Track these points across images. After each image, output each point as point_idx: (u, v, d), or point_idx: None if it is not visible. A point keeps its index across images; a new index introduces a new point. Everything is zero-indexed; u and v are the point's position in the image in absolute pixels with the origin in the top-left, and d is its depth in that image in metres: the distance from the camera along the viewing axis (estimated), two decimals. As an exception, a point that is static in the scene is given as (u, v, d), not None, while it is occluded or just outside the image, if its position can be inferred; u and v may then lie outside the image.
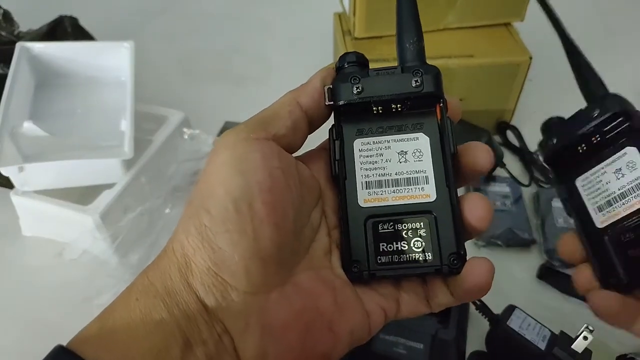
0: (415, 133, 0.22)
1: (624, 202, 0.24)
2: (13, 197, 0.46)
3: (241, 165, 0.19)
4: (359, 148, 0.23)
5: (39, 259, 0.47)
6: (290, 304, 0.19)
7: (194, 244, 0.18)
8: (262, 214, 0.18)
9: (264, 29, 0.77)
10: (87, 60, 0.52)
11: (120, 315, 0.18)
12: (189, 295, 0.18)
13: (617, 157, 0.25)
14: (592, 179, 0.25)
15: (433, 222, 0.21)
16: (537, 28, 0.59)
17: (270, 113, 0.22)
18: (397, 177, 0.22)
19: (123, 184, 0.45)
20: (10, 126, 0.44)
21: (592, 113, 0.25)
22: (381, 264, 0.21)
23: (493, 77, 0.52)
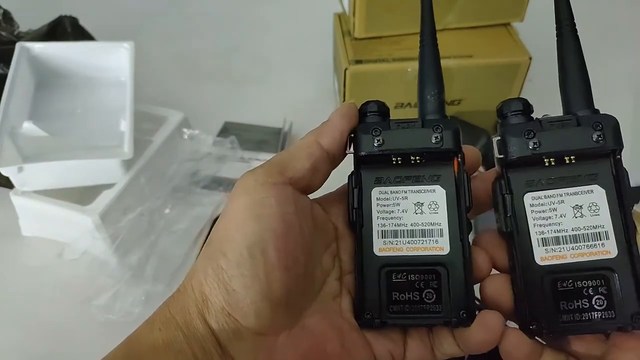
0: (432, 185, 0.23)
1: (574, 246, 0.21)
2: (13, 197, 0.46)
3: (257, 210, 0.20)
4: (377, 197, 0.23)
5: (39, 259, 0.47)
6: (298, 346, 0.20)
7: (211, 284, 0.20)
8: (274, 259, 0.20)
9: (263, 29, 0.77)
10: (86, 61, 0.52)
11: (144, 342, 0.20)
12: (204, 330, 0.19)
13: (581, 190, 0.21)
14: (546, 202, 0.22)
15: (445, 275, 0.22)
16: (537, 28, 0.59)
17: (289, 156, 0.22)
18: (412, 228, 0.22)
19: (123, 184, 0.45)
20: (10, 126, 0.44)
21: (591, 135, 0.21)
22: (393, 312, 0.22)
23: (492, 78, 0.52)
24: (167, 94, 0.62)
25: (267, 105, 0.63)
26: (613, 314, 0.20)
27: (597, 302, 0.21)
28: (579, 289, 0.21)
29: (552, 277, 0.21)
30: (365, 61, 0.51)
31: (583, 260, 0.21)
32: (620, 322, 0.20)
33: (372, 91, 0.52)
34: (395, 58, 0.51)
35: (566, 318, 0.21)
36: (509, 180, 0.22)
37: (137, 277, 0.43)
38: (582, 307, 0.21)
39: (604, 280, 0.21)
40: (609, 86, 0.65)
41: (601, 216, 0.21)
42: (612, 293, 0.21)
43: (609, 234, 0.21)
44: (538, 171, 0.22)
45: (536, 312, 0.21)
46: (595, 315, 0.21)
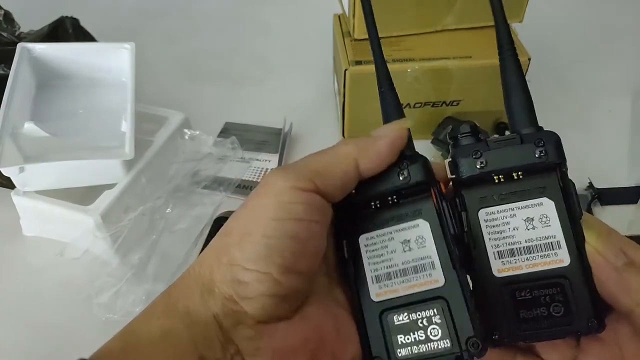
0: (414, 220, 0.23)
1: (528, 257, 0.22)
2: (14, 197, 0.47)
3: (283, 213, 0.20)
4: (364, 244, 0.23)
5: (40, 258, 0.48)
6: (298, 332, 0.21)
7: (223, 273, 0.20)
8: (290, 262, 0.20)
9: (264, 30, 0.77)
10: (88, 61, 0.52)
11: (142, 332, 0.20)
12: (208, 316, 0.20)
13: (531, 204, 0.22)
14: (499, 216, 0.22)
15: (446, 307, 0.21)
16: (536, 29, 0.60)
17: (323, 167, 0.21)
18: (404, 267, 0.22)
19: (124, 184, 0.46)
20: (11, 127, 0.45)
21: (534, 151, 0.22)
22: (401, 357, 0.22)
23: (491, 78, 0.52)
24: (168, 95, 0.62)
25: (268, 105, 0.63)
26: (570, 320, 0.21)
27: (554, 309, 0.21)
28: (536, 298, 0.21)
29: (510, 288, 0.22)
30: (365, 62, 0.51)
31: (538, 270, 0.22)
32: (577, 328, 0.21)
33: (372, 92, 0.52)
34: (395, 59, 0.51)
35: (526, 327, 0.21)
36: (463, 198, 0.23)
37: (138, 276, 0.43)
38: (541, 314, 0.21)
39: (560, 288, 0.21)
40: (609, 86, 0.65)
41: (552, 227, 0.22)
42: (568, 300, 0.21)
43: (561, 243, 0.22)
44: (490, 188, 0.23)
45: (497, 322, 0.22)
46: (554, 322, 0.21)
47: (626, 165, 0.54)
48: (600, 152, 0.56)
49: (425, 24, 0.53)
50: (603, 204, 0.49)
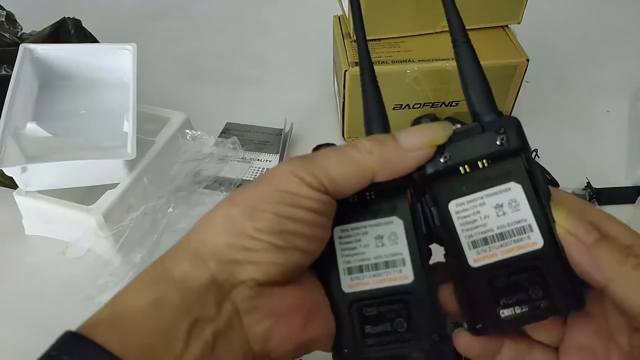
0: (389, 217, 0.23)
1: (502, 243, 0.22)
2: (16, 197, 0.47)
3: (294, 203, 0.21)
4: (339, 235, 0.24)
5: (42, 258, 0.48)
6: (294, 295, 0.22)
7: (229, 241, 0.20)
8: (298, 242, 0.21)
9: (264, 30, 0.78)
10: (90, 62, 0.53)
11: (131, 301, 0.20)
12: (204, 279, 0.20)
13: (499, 190, 0.22)
14: (469, 207, 0.22)
15: (413, 302, 0.22)
16: (534, 30, 0.60)
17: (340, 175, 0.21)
18: (375, 262, 0.23)
19: (126, 184, 0.46)
20: (13, 127, 0.45)
21: (495, 138, 0.22)
22: (369, 346, 0.22)
23: (490, 79, 0.53)
24: (170, 96, 0.62)
25: (268, 106, 0.64)
26: (550, 302, 0.21)
27: (533, 292, 0.21)
28: (514, 283, 0.21)
29: (487, 277, 0.22)
30: (365, 63, 0.51)
31: (513, 255, 0.22)
32: (556, 308, 0.21)
33: (372, 92, 0.52)
34: (394, 60, 0.51)
35: (508, 313, 0.21)
36: (432, 193, 0.23)
37: (140, 276, 0.43)
38: (522, 299, 0.21)
39: (537, 271, 0.21)
40: (607, 86, 0.65)
41: (522, 211, 0.22)
42: (546, 281, 0.21)
43: (532, 226, 0.22)
44: (457, 179, 0.23)
45: (479, 312, 0.22)
46: (534, 305, 0.21)
47: (624, 165, 0.55)
48: (598, 152, 0.57)
49: (425, 26, 0.53)
50: (601, 204, 0.49)
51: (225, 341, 0.20)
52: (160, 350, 0.18)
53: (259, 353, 0.20)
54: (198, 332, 0.19)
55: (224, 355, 0.19)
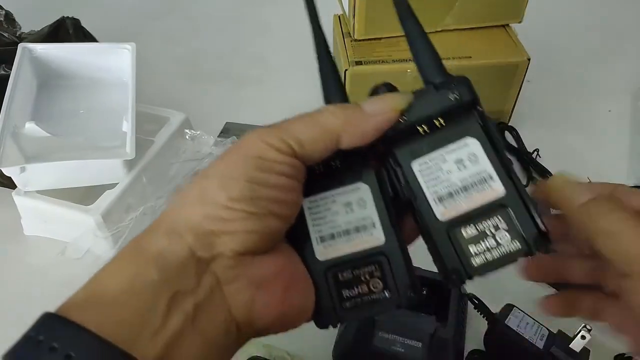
0: (355, 184, 0.24)
1: (466, 195, 0.23)
2: (15, 197, 0.47)
3: (265, 168, 0.21)
4: (308, 207, 0.24)
5: (41, 258, 0.48)
6: (274, 264, 0.22)
7: (204, 212, 0.20)
8: (272, 207, 0.21)
9: (264, 30, 0.77)
10: (89, 62, 0.53)
11: (107, 279, 0.20)
12: (183, 253, 0.20)
13: (457, 146, 0.23)
14: (431, 164, 0.23)
15: (386, 262, 0.23)
16: (535, 29, 0.60)
17: (307, 138, 0.22)
18: (346, 228, 0.24)
19: (125, 184, 0.46)
20: (12, 127, 0.45)
21: (448, 95, 0.23)
22: (347, 309, 0.23)
23: (491, 78, 0.53)
24: (169, 95, 0.62)
25: (268, 105, 0.63)
26: (518, 243, 0.22)
27: (502, 237, 0.22)
28: (483, 231, 0.22)
29: (456, 228, 0.23)
30: (365, 62, 0.51)
31: (478, 205, 0.23)
32: (525, 249, 0.22)
33: (372, 92, 0.52)
34: (395, 59, 0.51)
35: (480, 260, 0.22)
36: (395, 155, 0.24)
37: (139, 277, 0.43)
38: (492, 245, 0.22)
39: (502, 216, 0.22)
40: (607, 87, 0.65)
41: (481, 163, 0.23)
42: (512, 225, 0.22)
43: (493, 176, 0.23)
44: (417, 140, 0.24)
45: (453, 263, 0.23)
46: (504, 249, 0.22)
47: (625, 165, 0.54)
48: (599, 152, 0.56)
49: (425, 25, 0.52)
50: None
51: (206, 312, 0.20)
52: (139, 325, 0.18)
53: (243, 323, 0.21)
54: (178, 305, 0.19)
55: (207, 326, 0.19)
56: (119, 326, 0.18)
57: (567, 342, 0.34)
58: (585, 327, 0.34)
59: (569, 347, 0.34)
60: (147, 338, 0.18)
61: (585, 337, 0.34)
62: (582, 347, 0.34)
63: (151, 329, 0.18)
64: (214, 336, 0.20)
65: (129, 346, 0.17)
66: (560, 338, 0.35)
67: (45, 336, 0.17)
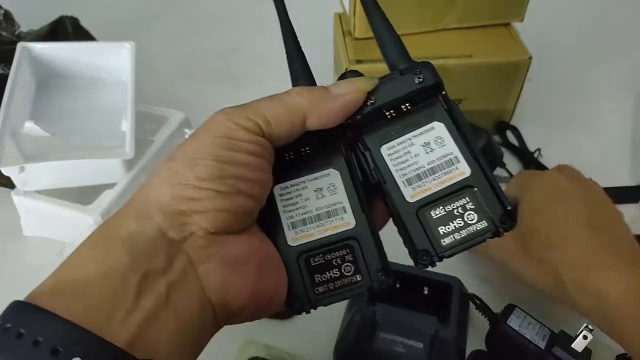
0: (326, 170, 0.25)
1: (434, 177, 0.23)
2: (14, 197, 0.47)
3: (233, 147, 0.21)
4: (279, 193, 0.24)
5: (40, 258, 0.47)
6: (247, 244, 0.22)
7: (173, 193, 0.20)
8: (242, 185, 0.21)
9: (264, 29, 0.77)
10: (88, 61, 0.52)
11: (76, 264, 0.19)
12: (152, 234, 0.20)
13: (424, 130, 0.24)
14: (399, 148, 0.24)
15: (357, 246, 0.24)
16: (537, 28, 0.59)
17: (273, 115, 0.22)
18: (318, 213, 0.24)
19: (124, 183, 0.45)
20: (11, 126, 0.44)
21: (413, 79, 0.24)
22: (319, 294, 0.23)
23: (493, 77, 0.52)
24: (169, 94, 0.62)
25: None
26: (485, 223, 0.23)
27: (469, 217, 0.23)
28: (451, 212, 0.23)
29: (425, 210, 0.23)
30: (365, 61, 0.51)
31: (445, 186, 0.23)
32: (492, 229, 0.23)
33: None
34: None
35: (449, 240, 0.23)
36: (364, 140, 0.24)
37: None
38: (459, 225, 0.23)
39: (469, 197, 0.23)
40: (609, 86, 0.65)
41: (447, 145, 0.24)
42: (479, 205, 0.23)
43: (459, 157, 0.23)
44: (385, 126, 0.24)
45: (423, 244, 0.23)
46: (472, 228, 0.23)
47: (628, 165, 0.54)
48: (602, 151, 0.56)
49: (426, 23, 0.53)
50: (605, 203, 0.48)
51: (180, 292, 0.19)
52: (109, 308, 0.18)
53: (217, 304, 0.20)
54: (149, 285, 0.19)
55: (180, 306, 0.19)
56: (89, 310, 0.18)
57: (569, 342, 0.34)
58: (587, 327, 0.34)
59: (571, 347, 0.34)
60: (118, 321, 0.18)
61: (587, 337, 0.34)
62: (584, 347, 0.34)
63: (122, 312, 0.18)
64: (188, 317, 0.19)
65: (100, 329, 0.17)
66: (562, 338, 0.35)
67: (13, 323, 0.17)
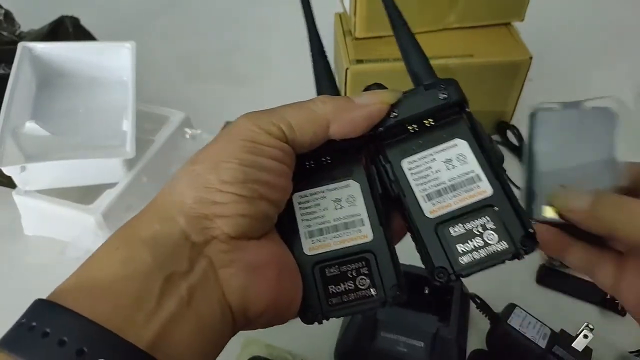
0: (345, 180, 0.24)
1: (454, 194, 0.23)
2: (15, 197, 0.47)
3: (257, 151, 0.21)
4: (298, 201, 0.24)
5: (41, 258, 0.47)
6: (267, 249, 0.22)
7: (197, 196, 0.20)
8: (264, 190, 0.21)
9: (264, 28, 0.77)
10: (88, 61, 0.52)
11: (99, 265, 0.19)
12: (176, 236, 0.20)
13: (447, 146, 0.24)
14: (420, 163, 0.24)
15: (373, 259, 0.23)
16: (537, 28, 0.59)
17: (297, 123, 0.22)
18: (335, 224, 0.24)
19: (125, 183, 0.46)
20: (12, 126, 0.45)
21: (437, 95, 0.24)
22: (332, 305, 0.23)
23: (493, 77, 0.52)
24: (169, 94, 0.62)
25: (268, 104, 0.62)
26: (506, 244, 0.22)
27: (489, 237, 0.22)
28: (470, 230, 0.23)
29: (445, 226, 0.23)
30: (366, 61, 0.51)
31: (466, 204, 0.23)
32: (512, 251, 0.22)
33: (373, 90, 0.52)
34: (396, 58, 0.50)
35: (468, 259, 0.22)
36: (385, 153, 0.24)
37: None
38: (478, 244, 0.22)
39: (490, 216, 0.23)
40: (612, 85, 0.65)
41: (469, 163, 0.23)
42: (500, 225, 0.22)
43: (481, 176, 0.23)
44: (407, 140, 0.24)
45: (440, 261, 0.22)
46: (491, 248, 0.22)
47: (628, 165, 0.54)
48: (601, 151, 0.56)
49: (427, 23, 0.53)
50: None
51: (201, 296, 0.19)
52: (132, 309, 0.18)
53: (237, 308, 0.20)
54: (172, 288, 0.19)
55: (201, 309, 0.19)
56: (112, 311, 0.18)
57: (570, 342, 0.34)
58: (588, 326, 0.34)
59: (572, 346, 0.34)
60: (141, 322, 0.18)
61: (588, 336, 0.34)
62: (584, 346, 0.34)
63: (145, 313, 0.18)
64: (209, 320, 0.19)
65: (123, 330, 0.17)
66: (562, 337, 0.35)
67: (38, 322, 0.17)
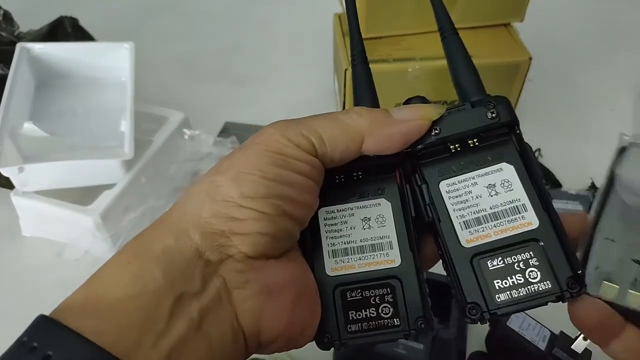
0: (377, 199, 0.23)
1: (495, 224, 0.21)
2: (13, 198, 0.46)
3: (283, 163, 0.20)
4: (324, 217, 0.23)
5: (39, 259, 0.47)
6: (286, 271, 0.20)
7: (215, 210, 0.19)
8: (286, 207, 0.20)
9: (264, 29, 0.77)
10: (87, 61, 0.52)
11: (108, 280, 0.18)
12: (189, 253, 0.19)
13: (491, 170, 0.22)
14: (460, 186, 0.22)
15: (399, 287, 0.21)
16: (537, 28, 0.59)
17: (330, 137, 0.20)
18: (362, 244, 0.22)
19: (123, 184, 0.45)
20: (10, 127, 0.44)
21: (485, 113, 0.21)
22: (351, 332, 0.21)
23: (493, 78, 0.52)
24: (168, 94, 0.62)
25: (268, 105, 0.63)
26: (549, 284, 0.20)
27: (530, 274, 0.20)
28: (510, 265, 0.20)
29: (481, 258, 0.21)
30: (365, 61, 0.51)
31: (507, 235, 0.21)
32: (556, 292, 0.20)
33: (373, 91, 0.52)
34: (395, 58, 0.51)
35: (505, 297, 0.20)
36: (422, 172, 0.22)
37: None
38: (518, 282, 0.20)
39: (534, 251, 0.20)
40: (612, 85, 0.65)
41: (515, 191, 0.21)
42: (544, 262, 0.20)
43: (527, 206, 0.21)
44: (447, 160, 0.22)
45: (474, 296, 0.20)
46: (533, 287, 0.20)
47: (628, 165, 0.54)
48: (602, 152, 0.56)
49: (426, 23, 0.53)
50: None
51: (212, 318, 0.18)
52: (140, 331, 0.17)
53: (249, 332, 0.19)
54: (182, 309, 0.18)
55: (212, 332, 0.18)
56: (119, 332, 0.17)
57: (569, 344, 0.34)
58: (588, 328, 0.34)
59: (571, 349, 0.34)
60: (148, 345, 0.17)
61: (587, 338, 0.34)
62: (584, 348, 0.34)
63: (153, 335, 0.17)
64: (219, 345, 0.18)
65: (130, 354, 0.16)
66: (562, 339, 0.35)
67: (40, 343, 0.16)
